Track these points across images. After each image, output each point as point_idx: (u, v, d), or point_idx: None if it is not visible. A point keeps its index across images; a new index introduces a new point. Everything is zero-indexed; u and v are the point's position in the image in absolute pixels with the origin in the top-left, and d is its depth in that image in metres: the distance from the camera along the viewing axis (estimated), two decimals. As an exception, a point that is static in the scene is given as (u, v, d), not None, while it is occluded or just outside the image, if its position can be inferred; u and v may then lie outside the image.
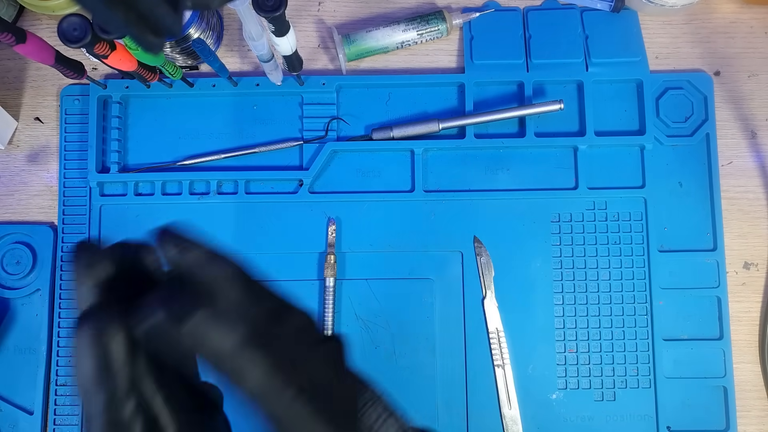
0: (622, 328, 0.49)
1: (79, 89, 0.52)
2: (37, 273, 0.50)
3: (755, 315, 0.51)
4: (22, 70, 0.54)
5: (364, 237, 0.50)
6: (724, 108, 0.53)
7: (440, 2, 0.54)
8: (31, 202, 0.52)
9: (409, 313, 0.49)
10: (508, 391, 0.48)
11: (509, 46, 0.52)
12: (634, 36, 0.52)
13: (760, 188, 0.52)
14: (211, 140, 0.52)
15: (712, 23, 0.54)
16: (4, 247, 0.51)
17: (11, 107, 0.53)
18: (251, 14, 0.39)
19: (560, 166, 0.51)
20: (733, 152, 0.52)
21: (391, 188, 0.51)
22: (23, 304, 0.50)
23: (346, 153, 0.52)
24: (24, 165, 0.53)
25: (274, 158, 0.52)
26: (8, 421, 0.49)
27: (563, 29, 0.52)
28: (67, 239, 0.51)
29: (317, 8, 0.54)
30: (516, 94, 0.53)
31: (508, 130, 0.52)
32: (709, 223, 0.51)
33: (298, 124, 0.52)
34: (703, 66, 0.53)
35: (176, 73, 0.48)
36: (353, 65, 0.53)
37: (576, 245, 0.50)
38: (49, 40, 0.41)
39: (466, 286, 0.50)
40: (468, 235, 0.50)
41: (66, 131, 0.52)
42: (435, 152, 0.52)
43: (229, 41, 0.54)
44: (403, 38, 0.52)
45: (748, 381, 0.50)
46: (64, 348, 0.49)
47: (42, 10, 0.49)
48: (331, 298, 0.48)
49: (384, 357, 0.49)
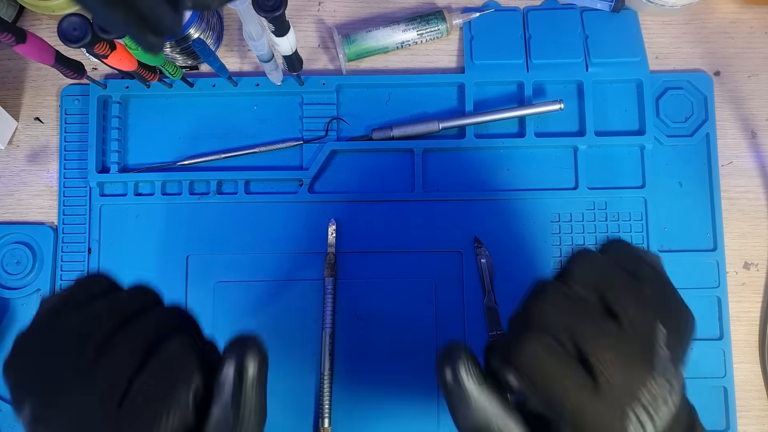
0: (622, 328, 0.49)
1: (79, 89, 0.52)
2: (37, 273, 0.50)
3: (755, 315, 0.51)
4: (22, 70, 0.54)
5: (364, 237, 0.50)
6: (724, 108, 0.53)
7: (440, 2, 0.54)
8: (31, 202, 0.52)
9: (409, 313, 0.49)
10: (508, 391, 0.48)
11: (509, 46, 0.52)
12: (634, 36, 0.52)
13: (760, 188, 0.52)
14: (211, 140, 0.52)
15: (712, 23, 0.54)
16: (4, 247, 0.51)
17: (11, 107, 0.53)
18: (251, 14, 0.39)
19: (560, 166, 0.51)
20: (733, 152, 0.52)
21: (391, 188, 0.51)
22: (23, 304, 0.50)
23: (346, 153, 0.52)
24: (24, 165, 0.53)
25: (274, 158, 0.52)
26: (8, 421, 0.49)
27: (563, 29, 0.52)
28: (67, 239, 0.51)
29: (317, 8, 0.54)
30: (516, 94, 0.53)
31: (508, 130, 0.52)
32: (709, 223, 0.51)
33: (298, 124, 0.52)
34: (703, 66, 0.53)
35: (176, 73, 0.48)
36: (353, 65, 0.53)
37: (576, 245, 0.50)
38: (49, 40, 0.41)
39: (466, 286, 0.50)
40: (468, 235, 0.50)
41: (66, 131, 0.52)
42: (435, 152, 0.52)
43: (229, 41, 0.54)
44: (403, 38, 0.52)
45: (748, 381, 0.50)
46: (64, 348, 0.50)
47: (42, 10, 0.49)
48: (331, 298, 0.48)
49: (384, 357, 0.49)
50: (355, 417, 0.48)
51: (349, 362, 0.49)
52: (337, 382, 0.48)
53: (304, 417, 0.48)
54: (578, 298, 0.27)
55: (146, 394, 0.25)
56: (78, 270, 0.50)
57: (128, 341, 0.26)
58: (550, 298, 0.27)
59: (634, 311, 0.26)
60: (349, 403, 0.48)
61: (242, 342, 0.27)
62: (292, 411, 0.48)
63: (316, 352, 0.49)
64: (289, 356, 0.49)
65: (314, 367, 0.49)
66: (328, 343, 0.48)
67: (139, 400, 0.25)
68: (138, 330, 0.26)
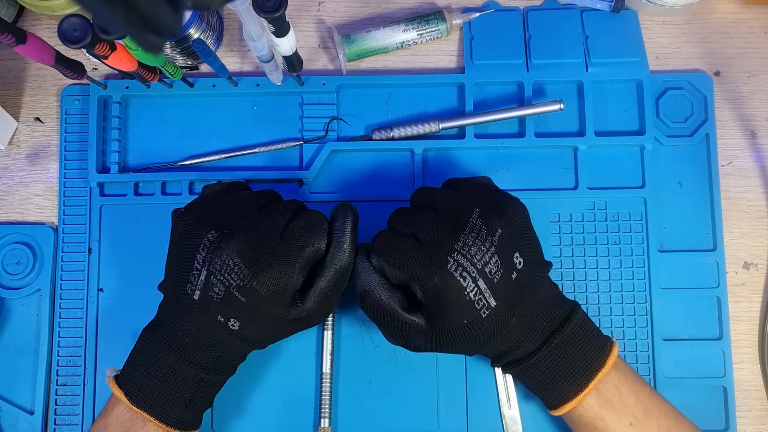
0: (622, 328, 0.49)
1: (79, 89, 0.52)
2: (37, 273, 0.50)
3: (755, 315, 0.51)
4: (22, 70, 0.54)
5: (364, 237, 0.50)
6: (724, 108, 0.53)
7: (440, 2, 0.54)
8: (31, 202, 0.52)
9: (409, 313, 0.49)
10: (508, 391, 0.48)
11: (509, 46, 0.52)
12: (634, 36, 0.52)
13: (760, 188, 0.52)
14: (211, 140, 0.52)
15: (712, 23, 0.54)
16: (4, 247, 0.51)
17: (11, 107, 0.53)
18: (251, 15, 0.39)
19: (560, 166, 0.51)
20: (733, 152, 0.52)
21: (391, 188, 0.51)
22: (23, 304, 0.50)
23: (346, 153, 0.52)
24: (24, 165, 0.53)
25: (274, 158, 0.52)
26: (8, 421, 0.49)
27: (563, 29, 0.52)
28: (67, 239, 0.51)
29: (317, 8, 0.54)
30: (516, 94, 0.53)
31: (508, 130, 0.52)
32: (708, 223, 0.51)
33: (298, 124, 0.52)
34: (703, 66, 0.53)
35: (176, 73, 0.48)
36: (353, 65, 0.53)
37: (576, 245, 0.50)
38: (49, 40, 0.41)
39: (466, 286, 0.50)
40: (468, 235, 0.50)
41: (66, 131, 0.52)
42: (435, 152, 0.52)
43: (229, 41, 0.54)
44: (403, 38, 0.52)
45: (747, 381, 0.50)
46: (64, 348, 0.50)
47: (42, 10, 0.49)
48: (331, 298, 0.48)
49: (384, 357, 0.49)
50: (355, 417, 0.48)
51: (349, 362, 0.49)
52: (337, 382, 0.48)
53: (304, 417, 0.48)
54: (414, 209, 0.41)
55: (298, 231, 0.39)
56: (78, 270, 0.50)
57: (278, 209, 0.40)
58: (397, 211, 0.42)
59: (450, 205, 0.40)
60: (349, 403, 0.48)
61: (345, 205, 0.42)
62: (292, 411, 0.48)
63: (316, 352, 0.49)
64: (289, 356, 0.49)
65: (314, 367, 0.49)
66: (328, 343, 0.48)
67: (292, 235, 0.39)
68: (284, 204, 0.41)
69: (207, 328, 0.39)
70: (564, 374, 0.39)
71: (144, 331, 0.41)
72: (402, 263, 0.38)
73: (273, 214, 0.40)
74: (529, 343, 0.40)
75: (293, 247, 0.38)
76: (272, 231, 0.39)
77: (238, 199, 0.41)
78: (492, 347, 0.40)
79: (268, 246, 0.38)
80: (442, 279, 0.37)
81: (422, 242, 0.38)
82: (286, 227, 0.39)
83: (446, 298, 0.37)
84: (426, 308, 0.39)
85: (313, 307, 0.40)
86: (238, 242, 0.38)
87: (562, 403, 0.40)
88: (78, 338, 0.50)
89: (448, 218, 0.39)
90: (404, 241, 0.39)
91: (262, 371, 0.49)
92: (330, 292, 0.40)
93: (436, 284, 0.37)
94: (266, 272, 0.37)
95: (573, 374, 0.39)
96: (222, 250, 0.38)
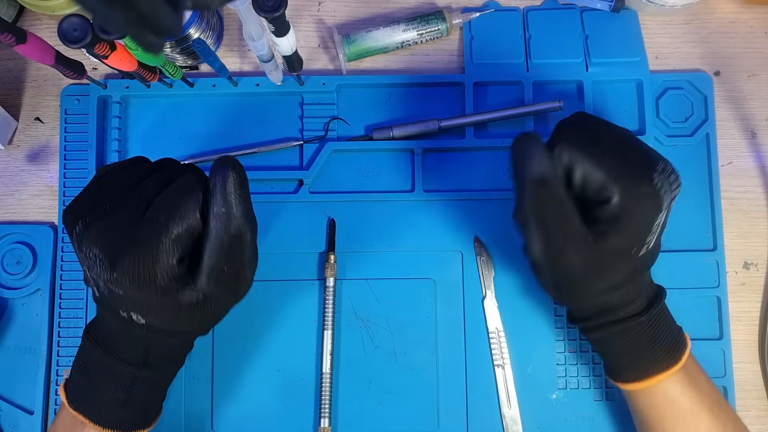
0: (622, 328, 0.49)
1: (79, 89, 0.52)
2: (37, 273, 0.50)
3: (755, 315, 0.51)
4: (22, 70, 0.54)
5: (364, 237, 0.50)
6: (724, 108, 0.53)
7: (440, 2, 0.54)
8: (31, 202, 0.52)
9: (409, 313, 0.49)
10: (508, 391, 0.48)
11: (509, 46, 0.52)
12: (634, 36, 0.52)
13: (760, 188, 0.52)
14: (211, 140, 0.52)
15: (712, 23, 0.54)
16: (4, 247, 0.51)
17: (11, 107, 0.53)
18: (251, 14, 0.39)
19: (560, 166, 0.51)
20: (733, 152, 0.52)
21: (391, 188, 0.51)
22: (23, 304, 0.50)
23: (346, 153, 0.52)
24: (24, 165, 0.53)
25: (274, 158, 0.52)
26: (8, 421, 0.49)
27: (563, 29, 0.52)
28: (67, 239, 0.51)
29: (317, 8, 0.54)
30: (516, 93, 0.53)
31: (508, 130, 0.52)
32: (708, 223, 0.51)
33: (298, 124, 0.52)
34: (703, 66, 0.53)
35: (176, 73, 0.48)
36: (353, 65, 0.53)
37: (576, 245, 0.50)
38: (49, 40, 0.41)
39: (466, 286, 0.50)
40: (468, 235, 0.50)
41: (66, 131, 0.52)
42: (435, 152, 0.52)
43: (229, 41, 0.54)
44: (403, 38, 0.52)
45: (747, 381, 0.50)
46: (64, 348, 0.50)
47: (42, 10, 0.49)
48: (331, 298, 0.48)
49: (384, 357, 0.49)
50: (355, 417, 0.48)
51: (349, 362, 0.49)
52: (337, 382, 0.48)
53: (304, 417, 0.48)
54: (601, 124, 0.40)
55: (163, 205, 0.34)
56: (78, 270, 0.50)
57: (153, 180, 0.36)
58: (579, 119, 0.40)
59: (639, 143, 0.39)
60: (349, 403, 0.48)
61: (223, 160, 0.35)
62: (292, 411, 0.48)
63: (316, 352, 0.49)
64: (290, 356, 0.49)
65: (314, 367, 0.49)
66: (328, 343, 0.48)
67: (157, 210, 0.34)
68: (161, 174, 0.36)
69: (119, 324, 0.36)
70: (662, 342, 0.38)
71: (84, 329, 0.39)
72: (605, 163, 0.35)
73: (141, 190, 0.35)
74: (637, 305, 0.39)
75: (155, 225, 0.34)
76: (135, 211, 0.34)
77: (113, 180, 0.37)
78: (618, 294, 0.38)
79: (128, 229, 0.34)
80: (647, 193, 0.35)
81: (624, 155, 0.36)
82: (150, 203, 0.35)
83: (637, 214, 0.35)
84: (599, 223, 0.36)
85: (210, 287, 0.35)
86: (95, 232, 0.34)
87: (657, 372, 0.38)
88: (78, 338, 0.49)
89: (640, 150, 0.38)
90: (607, 141, 0.37)
91: (262, 371, 0.49)
92: (226, 267, 0.35)
93: (639, 195, 0.35)
94: (123, 261, 0.33)
95: (670, 344, 0.38)
96: (83, 244, 0.34)
